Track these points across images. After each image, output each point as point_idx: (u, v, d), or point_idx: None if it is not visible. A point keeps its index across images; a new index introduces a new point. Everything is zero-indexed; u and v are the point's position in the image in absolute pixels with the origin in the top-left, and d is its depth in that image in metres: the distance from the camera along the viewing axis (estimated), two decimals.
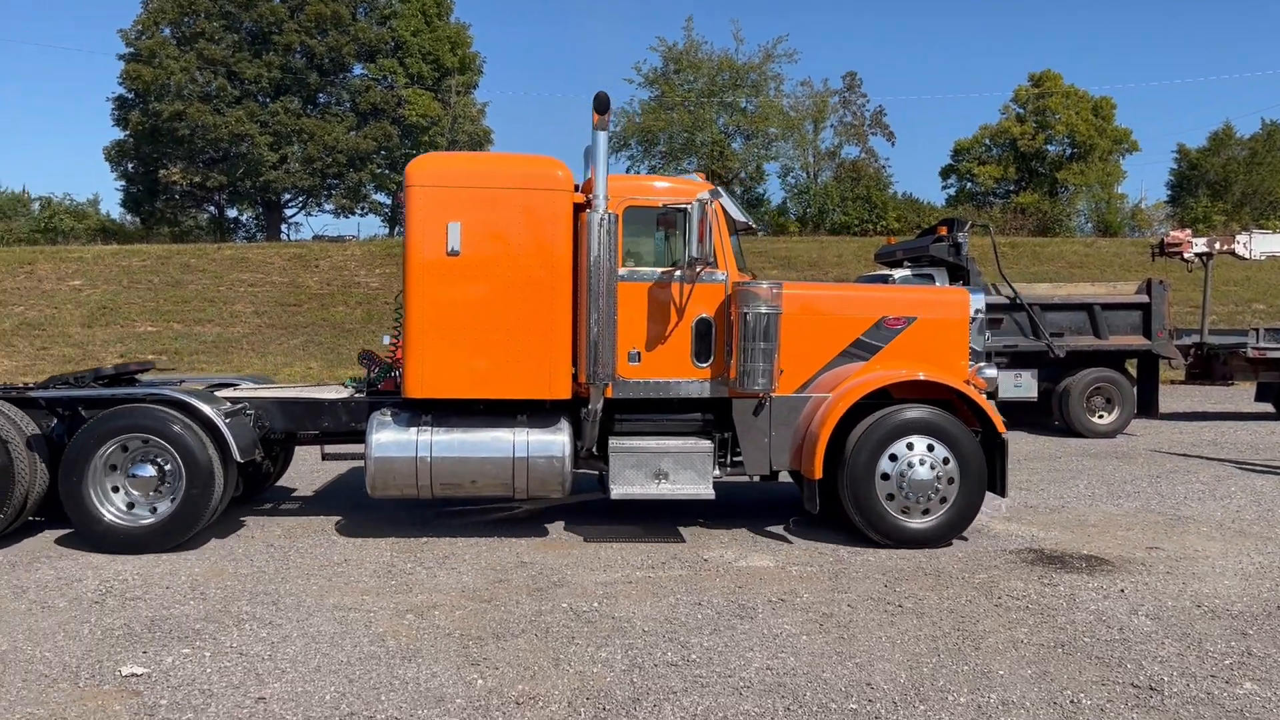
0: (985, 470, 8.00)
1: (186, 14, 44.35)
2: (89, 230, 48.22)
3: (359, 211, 50.08)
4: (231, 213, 51.64)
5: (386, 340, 8.86)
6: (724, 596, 6.56)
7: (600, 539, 8.25)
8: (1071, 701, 4.86)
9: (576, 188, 8.11)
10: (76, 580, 6.83)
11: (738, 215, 8.59)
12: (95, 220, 51.88)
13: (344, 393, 8.85)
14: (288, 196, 49.34)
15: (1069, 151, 53.58)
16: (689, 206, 7.86)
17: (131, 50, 44.86)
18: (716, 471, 8.28)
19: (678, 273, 8.10)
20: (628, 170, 52.08)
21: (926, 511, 7.92)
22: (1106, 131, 53.19)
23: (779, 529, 8.58)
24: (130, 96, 45.46)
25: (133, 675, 5.08)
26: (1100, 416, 15.56)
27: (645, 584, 6.88)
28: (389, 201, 50.61)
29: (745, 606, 6.34)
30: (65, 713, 4.64)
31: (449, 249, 7.86)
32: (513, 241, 7.95)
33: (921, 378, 8.12)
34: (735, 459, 8.34)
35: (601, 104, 7.81)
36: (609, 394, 8.04)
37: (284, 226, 50.63)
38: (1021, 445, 14.44)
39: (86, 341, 28.21)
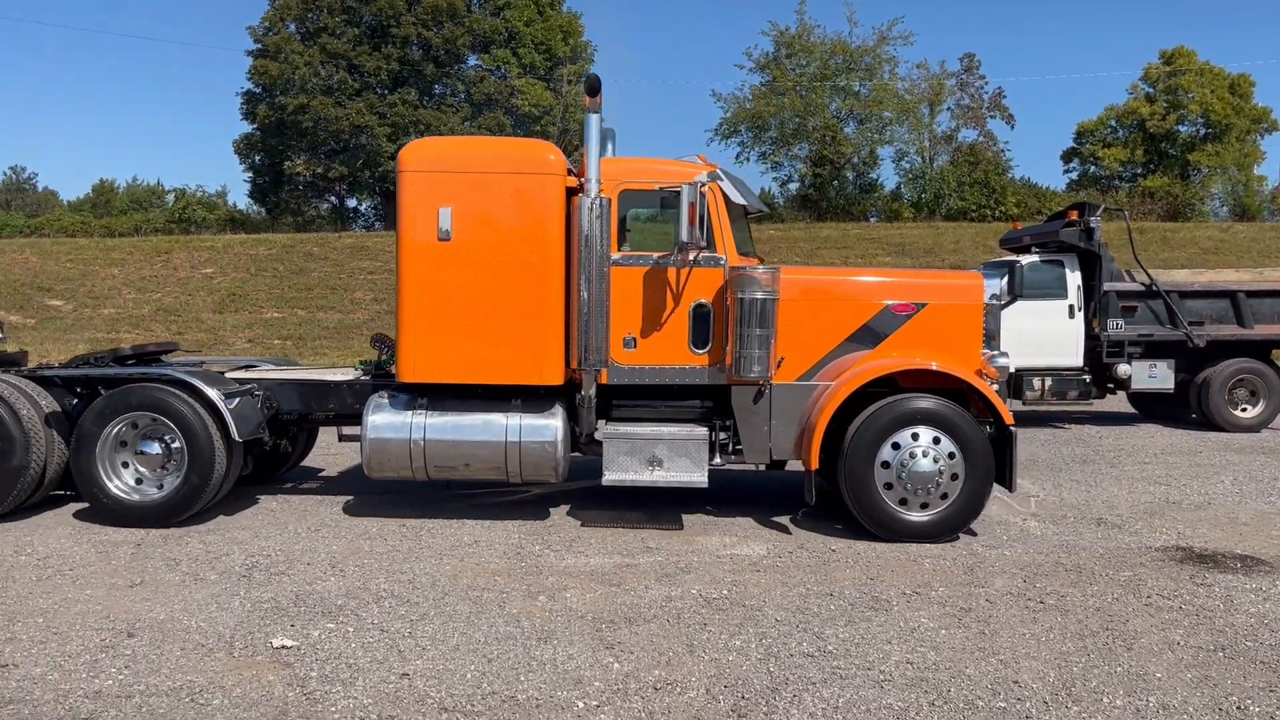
0: (992, 464, 7.67)
1: (310, 9, 45.77)
2: (219, 220, 50.28)
3: None
4: (351, 202, 53.18)
5: None
6: (856, 588, 6.44)
7: (597, 524, 8.25)
8: (1238, 708, 4.60)
9: (570, 171, 8.03)
10: (224, 554, 7.11)
11: (739, 199, 8.32)
12: (225, 211, 54.07)
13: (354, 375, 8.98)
14: None
15: (1202, 132, 50.96)
16: (681, 189, 7.60)
17: (259, 46, 46.54)
18: (717, 459, 8.15)
19: (673, 257, 7.97)
20: (737, 157, 51.75)
21: (926, 505, 7.65)
22: (1244, 110, 50.34)
23: (784, 519, 8.32)
24: (258, 91, 47.17)
25: (283, 647, 5.25)
26: (1243, 409, 14.75)
27: (774, 572, 6.80)
28: None
29: (879, 599, 6.21)
30: (222, 681, 4.82)
31: (440, 233, 7.84)
32: (503, 226, 7.89)
33: (933, 367, 7.83)
34: (737, 447, 8.17)
35: (592, 86, 7.74)
36: (604, 380, 8.00)
37: None
38: (1157, 439, 13.84)
39: (218, 327, 29.45)
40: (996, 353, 8.08)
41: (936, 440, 7.63)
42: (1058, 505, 9.15)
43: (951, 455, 7.61)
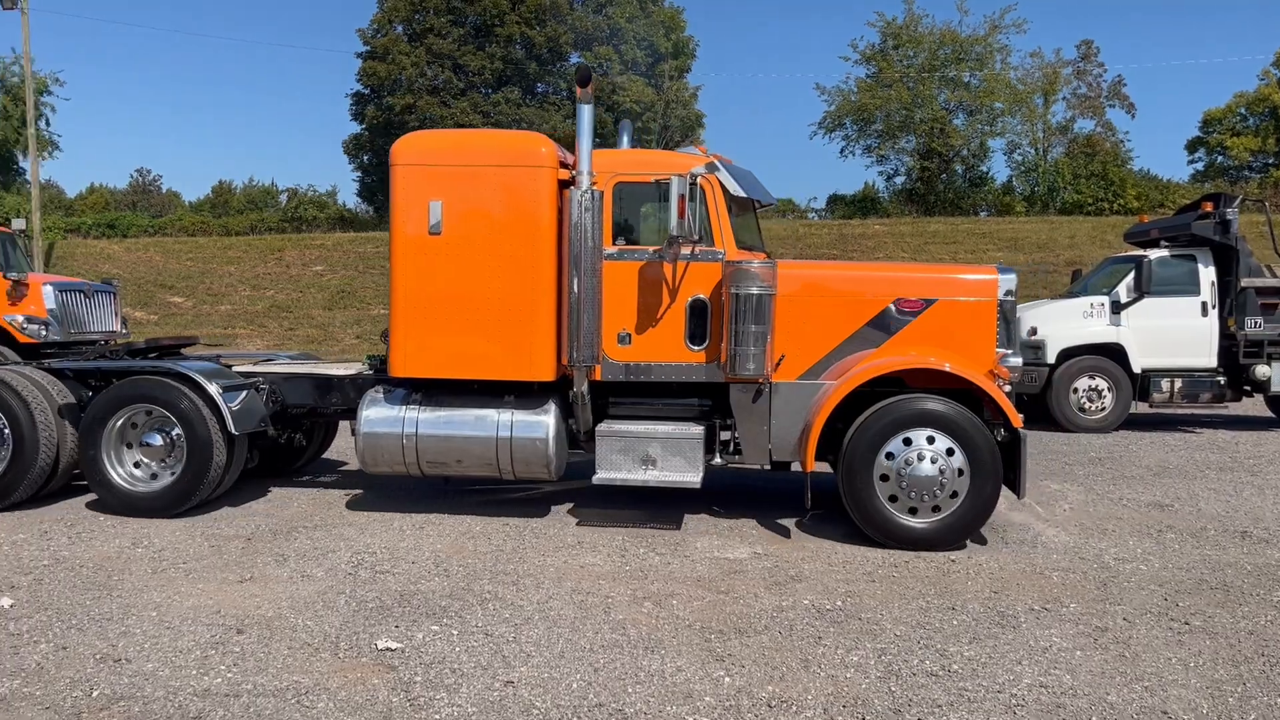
0: (999, 470, 7.26)
1: (417, 11, 46.59)
2: (329, 219, 51.55)
3: None
4: None
5: None
6: (980, 602, 6.07)
7: (593, 522, 8.16)
8: None
9: (564, 165, 7.88)
10: (331, 551, 7.11)
11: (738, 191, 8.04)
12: (335, 210, 55.45)
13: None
14: None
15: None
16: (670, 181, 7.37)
17: (368, 49, 47.61)
18: (718, 459, 7.98)
19: (664, 250, 7.78)
20: (841, 151, 50.87)
21: (918, 510, 7.30)
22: None
23: (788, 520, 7.94)
24: (366, 92, 48.27)
25: (388, 649, 5.17)
26: None
27: (889, 583, 6.47)
28: None
29: (1005, 614, 5.83)
30: (328, 682, 4.75)
31: (430, 228, 7.79)
32: (493, 219, 7.79)
33: (943, 367, 7.43)
34: (739, 447, 7.95)
35: (583, 77, 7.65)
36: (597, 376, 7.89)
37: None
38: None
39: (327, 323, 30.18)
40: (1009, 352, 7.62)
41: (938, 443, 7.28)
42: (1195, 516, 8.56)
43: (955, 459, 7.25)
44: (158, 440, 8.22)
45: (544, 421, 7.86)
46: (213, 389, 8.10)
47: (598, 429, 7.89)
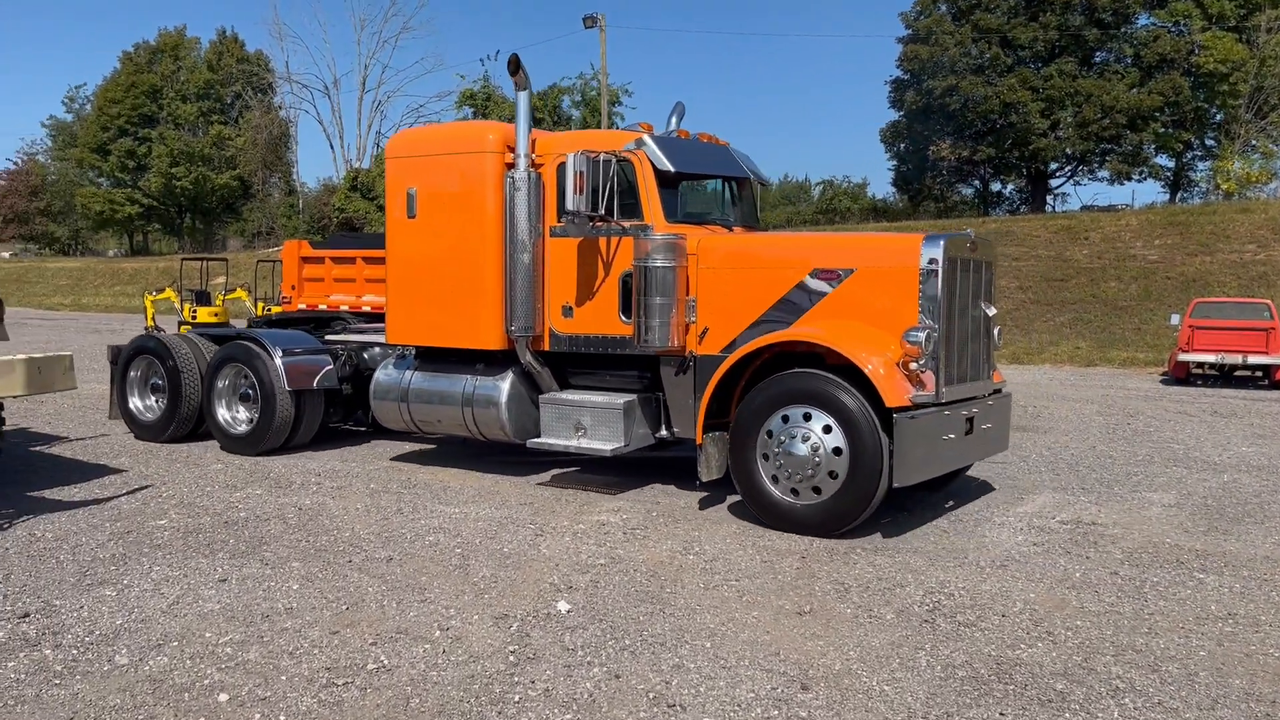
0: (880, 454, 6.68)
1: None
2: (862, 210, 51.38)
3: (1136, 177, 45.30)
4: (995, 186, 50.67)
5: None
6: None
7: (566, 485, 8.57)
8: None
9: (510, 148, 8.39)
10: (899, 585, 5.94)
11: (665, 166, 7.99)
12: (866, 201, 55.28)
13: None
14: (1055, 166, 46.68)
15: None
16: (566, 160, 7.81)
17: (910, 32, 46.16)
18: (664, 432, 8.16)
19: (565, 226, 8.15)
20: None
21: (799, 491, 6.97)
22: None
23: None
24: (906, 77, 46.90)
25: None
26: None
27: None
28: (1172, 165, 45.07)
29: None
30: None
31: (408, 212, 8.80)
32: (450, 202, 8.61)
33: (823, 341, 7.04)
34: None
35: (511, 66, 8.14)
36: (544, 347, 8.43)
37: (1049, 198, 48.12)
38: None
39: None
40: (914, 327, 6.87)
41: (821, 424, 6.89)
42: None
43: (835, 443, 6.82)
44: (250, 393, 9.82)
45: (499, 387, 8.52)
46: (276, 354, 9.51)
47: (541, 398, 8.43)
